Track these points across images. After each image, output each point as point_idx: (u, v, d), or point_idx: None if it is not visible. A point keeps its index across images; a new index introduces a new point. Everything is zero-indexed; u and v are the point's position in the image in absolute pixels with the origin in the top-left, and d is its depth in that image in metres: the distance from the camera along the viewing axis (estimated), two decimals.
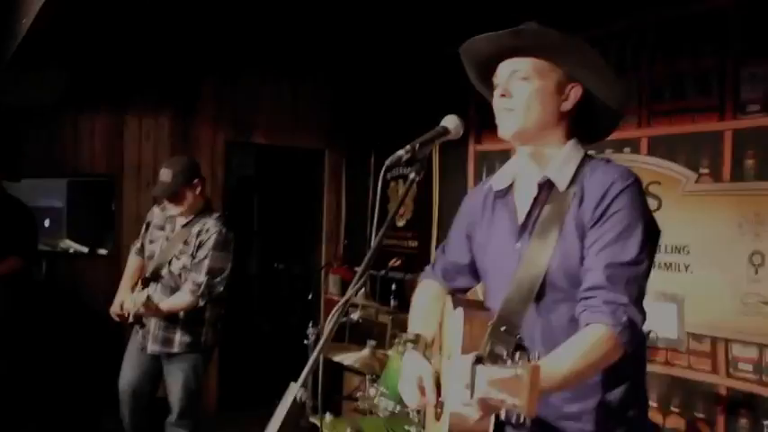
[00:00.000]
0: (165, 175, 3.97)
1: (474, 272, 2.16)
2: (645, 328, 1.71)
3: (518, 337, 1.77)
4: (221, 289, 3.95)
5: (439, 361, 2.00)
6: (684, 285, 3.83)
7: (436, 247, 3.32)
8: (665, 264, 3.91)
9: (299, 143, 6.70)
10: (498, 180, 2.03)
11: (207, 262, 3.90)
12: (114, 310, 4.06)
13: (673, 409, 3.89)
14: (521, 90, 1.87)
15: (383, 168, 1.68)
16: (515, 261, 1.88)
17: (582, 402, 1.83)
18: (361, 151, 6.54)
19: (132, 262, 4.34)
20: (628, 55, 4.19)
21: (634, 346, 1.70)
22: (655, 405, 3.92)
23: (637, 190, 1.81)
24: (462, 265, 2.18)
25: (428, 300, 2.20)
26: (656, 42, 4.04)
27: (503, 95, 1.89)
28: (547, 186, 1.89)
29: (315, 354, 1.55)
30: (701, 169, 3.78)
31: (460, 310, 1.85)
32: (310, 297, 6.29)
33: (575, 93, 1.89)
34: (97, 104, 5.96)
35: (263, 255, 8.29)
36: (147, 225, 4.27)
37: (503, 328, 1.76)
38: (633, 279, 1.73)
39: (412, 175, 1.74)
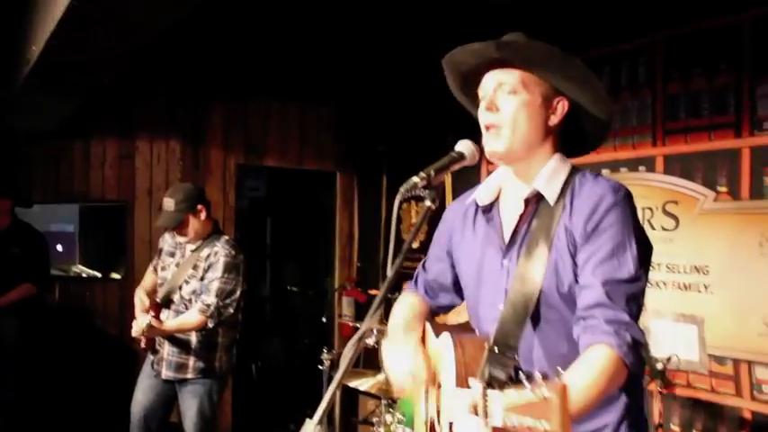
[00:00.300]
0: (168, 204, 3.99)
1: (458, 289, 2.09)
2: (666, 352, 1.66)
3: (516, 358, 1.72)
4: (231, 311, 3.93)
5: (419, 391, 1.94)
6: (704, 306, 3.76)
7: None
8: (684, 284, 3.84)
9: (309, 165, 6.68)
10: (483, 194, 1.96)
11: (216, 284, 3.89)
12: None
13: None
14: (508, 104, 1.81)
15: (397, 197, 1.64)
16: (503, 278, 1.83)
17: (580, 426, 1.75)
18: (373, 173, 6.50)
19: (148, 278, 4.33)
20: (641, 72, 4.15)
21: (638, 367, 1.65)
22: (677, 429, 3.84)
23: (628, 204, 1.77)
24: (445, 284, 2.11)
25: (409, 314, 2.10)
26: (669, 59, 3.99)
27: (489, 109, 1.82)
28: (534, 200, 1.83)
29: (331, 390, 1.50)
30: (719, 187, 3.71)
31: (447, 335, 1.79)
32: (324, 320, 6.25)
33: (562, 106, 1.84)
34: (108, 129, 5.97)
35: (276, 277, 8.25)
36: (160, 251, 4.29)
37: (500, 351, 1.70)
38: (633, 296, 1.68)
39: (427, 203, 1.69)
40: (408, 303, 2.13)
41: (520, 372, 1.55)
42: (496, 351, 1.70)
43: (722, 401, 3.68)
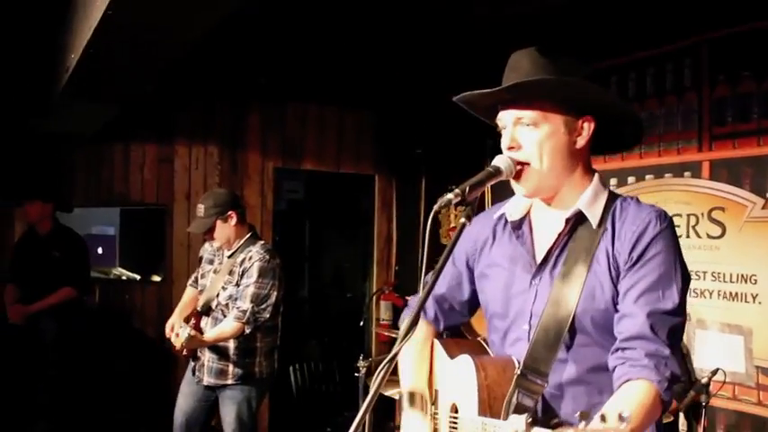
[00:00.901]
0: (199, 210, 4.05)
1: (471, 307, 2.01)
2: (711, 364, 1.59)
3: (545, 385, 1.66)
4: (267, 316, 3.90)
5: (430, 413, 1.88)
6: (752, 316, 3.65)
7: None
8: (731, 294, 3.73)
9: (347, 169, 6.65)
10: (513, 209, 1.88)
11: (251, 289, 3.88)
12: (167, 331, 4.07)
13: None
14: (529, 139, 1.73)
15: (431, 214, 1.59)
16: (530, 298, 1.77)
17: None
18: (411, 176, 6.46)
19: (187, 293, 4.38)
20: (686, 75, 4.04)
21: (671, 402, 1.60)
22: None
23: (673, 232, 1.71)
24: (459, 299, 2.02)
25: (417, 344, 2.01)
26: (716, 61, 3.88)
27: (511, 148, 1.74)
28: (574, 221, 1.76)
29: (361, 413, 1.46)
30: None
31: (467, 358, 1.73)
32: (361, 323, 6.21)
33: (588, 127, 1.76)
34: (147, 133, 6.01)
35: (315, 280, 8.24)
36: (200, 260, 4.33)
37: (529, 377, 1.65)
38: (675, 329, 1.63)
39: (462, 220, 1.63)
40: (419, 350, 2.01)
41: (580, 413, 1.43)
42: (525, 376, 1.64)
43: None
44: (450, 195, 1.62)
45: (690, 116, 4.00)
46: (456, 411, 1.82)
